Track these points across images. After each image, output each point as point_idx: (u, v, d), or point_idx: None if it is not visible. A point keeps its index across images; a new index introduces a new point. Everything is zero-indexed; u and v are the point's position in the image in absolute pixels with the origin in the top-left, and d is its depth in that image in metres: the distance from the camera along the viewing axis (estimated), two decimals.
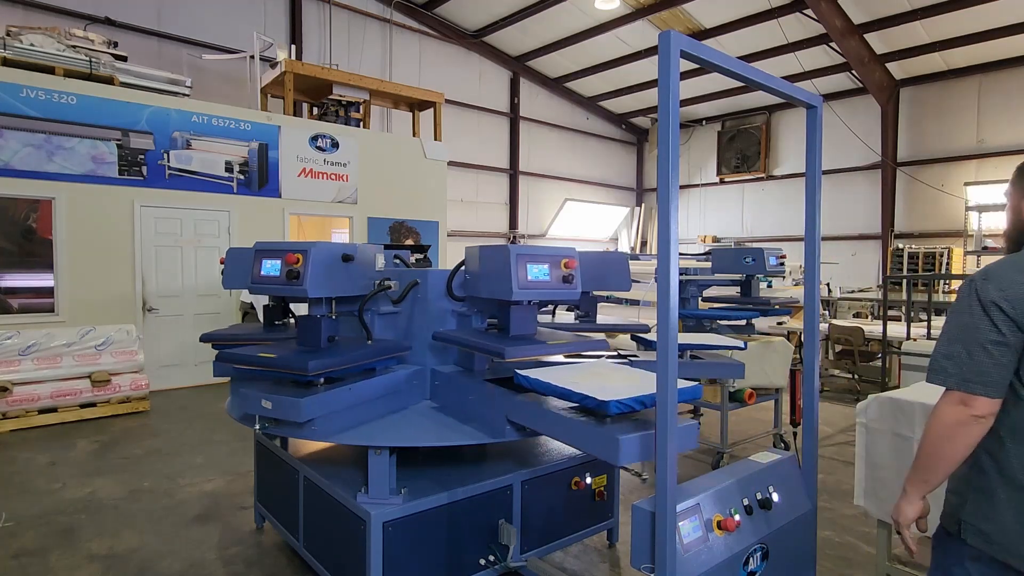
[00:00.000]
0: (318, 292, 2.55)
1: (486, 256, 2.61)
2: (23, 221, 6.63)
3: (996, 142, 11.42)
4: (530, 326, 2.71)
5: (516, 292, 2.46)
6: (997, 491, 1.52)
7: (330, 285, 2.61)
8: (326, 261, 2.59)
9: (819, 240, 2.26)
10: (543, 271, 2.54)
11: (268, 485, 3.40)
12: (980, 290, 1.51)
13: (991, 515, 1.52)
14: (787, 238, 13.76)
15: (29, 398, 5.72)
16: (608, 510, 3.26)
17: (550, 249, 2.63)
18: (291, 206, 8.44)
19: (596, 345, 2.73)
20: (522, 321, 2.69)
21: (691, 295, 5.10)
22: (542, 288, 2.53)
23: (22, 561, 3.24)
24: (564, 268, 2.57)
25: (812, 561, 2.25)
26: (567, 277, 2.57)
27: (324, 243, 2.62)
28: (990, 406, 1.48)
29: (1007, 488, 1.50)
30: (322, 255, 2.57)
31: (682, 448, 2.02)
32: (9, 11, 8.03)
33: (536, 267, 2.53)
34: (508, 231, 14.58)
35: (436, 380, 2.94)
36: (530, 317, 2.71)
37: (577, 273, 2.59)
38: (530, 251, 2.57)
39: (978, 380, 1.47)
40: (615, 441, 1.96)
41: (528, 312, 2.71)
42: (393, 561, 2.41)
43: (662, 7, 11.10)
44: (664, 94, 1.62)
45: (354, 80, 9.21)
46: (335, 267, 2.64)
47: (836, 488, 4.35)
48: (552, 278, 2.55)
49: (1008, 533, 1.48)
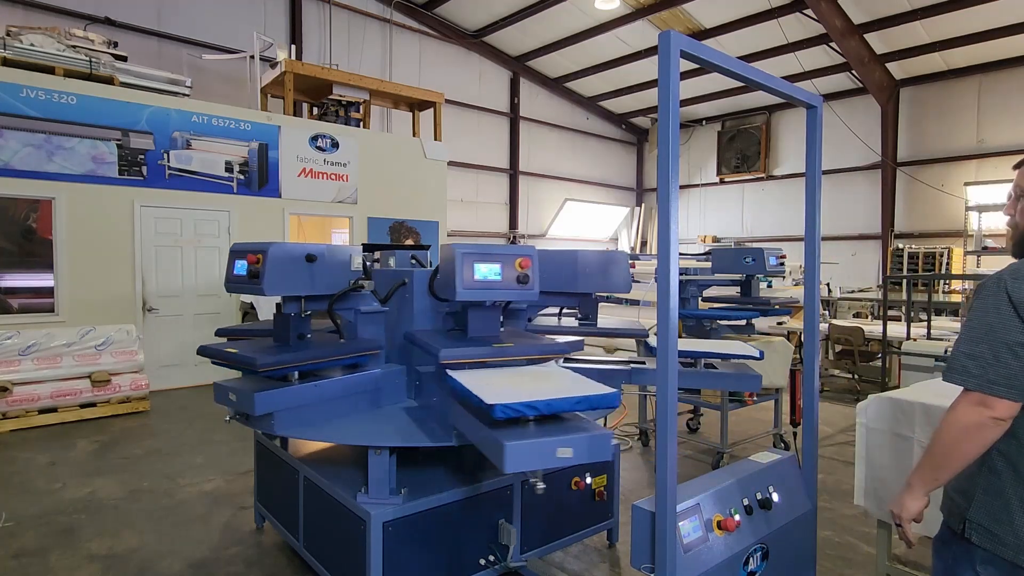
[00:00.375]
0: (275, 291, 2.64)
1: (443, 255, 2.61)
2: (23, 221, 6.63)
3: (996, 142, 11.42)
4: (491, 327, 2.66)
5: (460, 292, 2.42)
6: (1009, 493, 1.49)
7: (289, 284, 2.69)
8: (285, 261, 2.66)
9: (819, 240, 2.26)
10: (494, 271, 2.45)
11: (268, 485, 3.40)
12: (1011, 288, 1.44)
13: (1003, 517, 1.49)
14: (787, 238, 13.76)
15: (29, 398, 5.72)
16: (608, 510, 3.26)
17: (504, 248, 2.54)
18: (291, 206, 8.44)
19: (548, 348, 2.56)
20: (481, 322, 2.65)
21: (691, 295, 5.11)
22: (492, 288, 2.44)
23: (22, 561, 3.24)
24: (518, 268, 2.46)
25: (812, 561, 2.25)
26: (521, 277, 2.46)
27: (285, 244, 2.70)
28: (1011, 409, 1.43)
29: (1021, 489, 1.48)
30: (280, 255, 2.64)
31: (593, 458, 1.96)
32: (9, 11, 8.03)
33: (486, 266, 2.45)
34: (508, 231, 14.59)
35: (417, 380, 2.96)
36: (490, 318, 2.66)
37: (533, 273, 2.48)
38: (480, 250, 2.49)
39: (1003, 383, 1.42)
40: (500, 447, 1.90)
41: (489, 313, 2.66)
42: (393, 561, 2.41)
43: (662, 7, 11.10)
44: (664, 94, 1.62)
45: (354, 80, 9.21)
46: (296, 267, 2.70)
47: (836, 488, 4.35)
48: (504, 278, 2.45)
49: (1020, 535, 1.46)
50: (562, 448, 1.91)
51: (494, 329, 2.68)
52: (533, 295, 2.51)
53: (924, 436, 2.66)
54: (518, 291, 2.47)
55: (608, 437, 2.00)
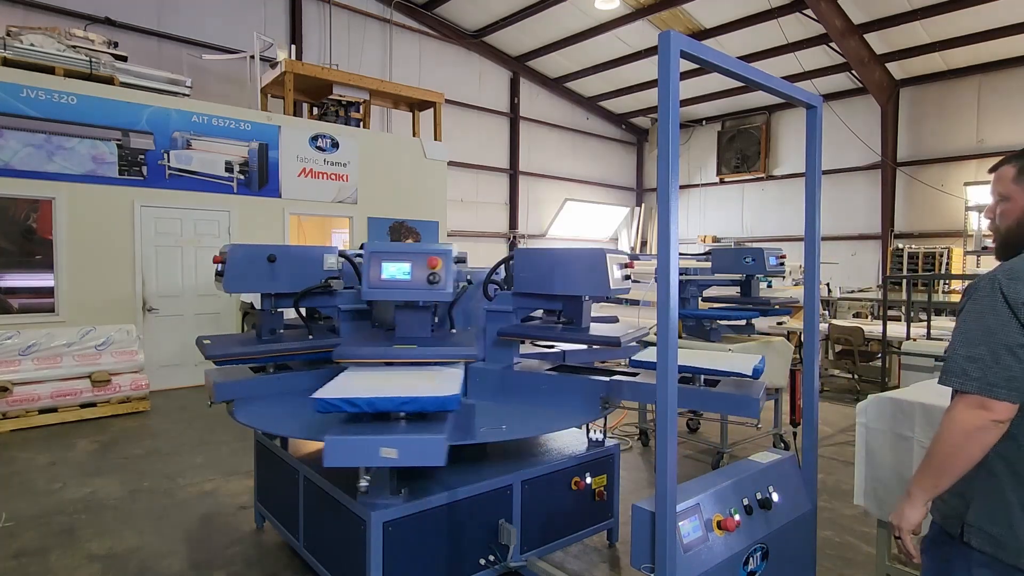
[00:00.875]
0: (235, 289, 2.87)
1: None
2: (23, 221, 6.63)
3: (996, 142, 11.41)
4: (421, 328, 2.65)
5: (365, 291, 2.45)
6: (1009, 495, 1.48)
7: (249, 283, 2.86)
8: (244, 261, 2.85)
9: (819, 240, 2.26)
10: (403, 270, 2.44)
11: (268, 485, 3.40)
12: (1007, 289, 1.43)
13: (1002, 519, 1.48)
14: (787, 238, 13.75)
15: (29, 398, 5.72)
16: (608, 510, 3.26)
17: (416, 247, 2.52)
18: (291, 206, 8.44)
19: (454, 353, 2.47)
20: (408, 322, 2.66)
21: (691, 295, 5.11)
22: (399, 288, 2.44)
23: (22, 561, 3.24)
24: (428, 267, 2.42)
25: (812, 561, 2.25)
26: (432, 277, 2.41)
27: (245, 245, 2.95)
28: (1011, 411, 1.42)
29: (1021, 492, 1.47)
30: (239, 255, 2.87)
31: (421, 462, 1.97)
32: (9, 11, 8.02)
33: (393, 266, 2.44)
34: (508, 231, 14.59)
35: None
36: (419, 319, 2.65)
37: (445, 273, 2.43)
38: (389, 248, 2.50)
39: (1004, 385, 1.40)
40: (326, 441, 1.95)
41: (417, 314, 2.65)
42: (393, 561, 2.41)
43: (662, 7, 11.09)
44: (664, 94, 1.62)
45: (354, 80, 9.21)
46: (255, 266, 2.84)
47: (836, 488, 4.35)
48: (414, 278, 2.43)
49: (1021, 538, 1.45)
50: (386, 448, 1.93)
51: (424, 330, 2.65)
52: (444, 295, 2.44)
53: (924, 436, 2.66)
54: (427, 291, 2.42)
55: (440, 443, 1.97)
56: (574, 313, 2.97)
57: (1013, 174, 1.62)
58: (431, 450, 1.98)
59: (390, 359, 2.46)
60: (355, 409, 1.99)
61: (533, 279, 2.91)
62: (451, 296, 2.50)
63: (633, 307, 5.55)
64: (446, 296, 2.47)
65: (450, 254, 2.50)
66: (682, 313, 4.72)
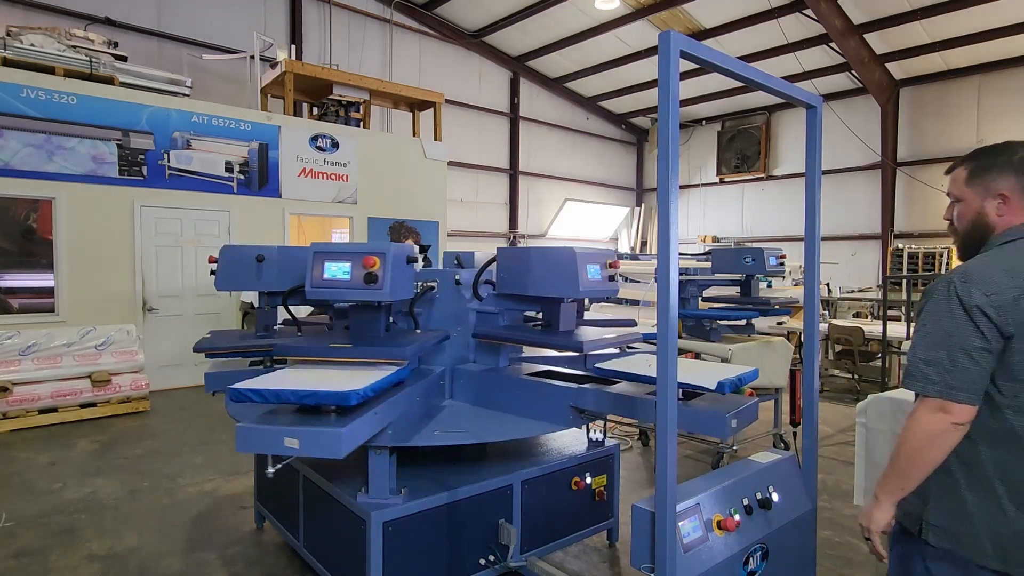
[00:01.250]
0: (226, 287, 3.04)
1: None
2: (23, 221, 6.63)
3: (996, 142, 11.40)
4: (371, 328, 2.64)
5: (309, 291, 2.45)
6: (964, 493, 1.52)
7: (239, 281, 3.01)
8: (234, 261, 2.97)
9: (819, 240, 2.26)
10: (344, 270, 2.41)
11: (268, 485, 3.40)
12: (962, 293, 1.46)
13: (959, 516, 1.52)
14: (787, 238, 13.75)
15: (29, 398, 5.72)
16: (608, 510, 3.26)
17: (357, 246, 2.48)
18: (291, 206, 8.44)
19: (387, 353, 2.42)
20: (358, 322, 2.66)
21: (691, 295, 5.11)
22: (338, 287, 2.41)
23: (22, 561, 3.24)
24: (365, 267, 2.38)
25: (812, 561, 2.25)
26: (368, 277, 2.36)
27: (236, 246, 3.06)
28: (971, 413, 1.45)
29: (977, 490, 1.50)
30: (230, 256, 3.01)
31: (321, 453, 2.02)
32: (9, 11, 8.02)
33: (335, 266, 2.42)
34: (508, 231, 14.59)
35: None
36: (371, 320, 2.64)
37: (383, 272, 2.37)
38: (332, 248, 2.47)
39: (963, 388, 1.43)
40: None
41: (369, 314, 2.64)
42: (393, 561, 2.41)
43: (662, 7, 11.09)
44: (664, 94, 1.62)
45: (354, 80, 9.21)
46: (244, 266, 2.95)
47: (836, 488, 4.35)
48: (353, 278, 2.39)
49: (978, 535, 1.49)
50: (289, 438, 2.02)
51: (374, 329, 2.64)
52: (383, 295, 2.39)
53: None
54: (364, 291, 2.38)
55: (337, 436, 2.01)
56: (551, 315, 2.84)
57: (965, 176, 1.67)
58: (328, 442, 2.01)
59: (318, 357, 2.47)
60: (262, 400, 2.09)
61: (512, 280, 2.83)
62: (389, 296, 2.40)
63: (633, 307, 5.55)
64: (383, 296, 2.39)
65: (391, 254, 2.42)
66: (682, 313, 4.72)
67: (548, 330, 2.84)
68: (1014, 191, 1.58)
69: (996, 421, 1.49)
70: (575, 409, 2.60)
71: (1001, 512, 1.47)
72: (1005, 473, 1.48)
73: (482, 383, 2.90)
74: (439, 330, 2.92)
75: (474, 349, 3.03)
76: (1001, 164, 1.60)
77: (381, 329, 2.65)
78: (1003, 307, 1.43)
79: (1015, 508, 1.47)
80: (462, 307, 2.98)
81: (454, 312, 2.99)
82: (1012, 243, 1.56)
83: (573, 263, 2.57)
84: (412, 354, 2.41)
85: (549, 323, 2.86)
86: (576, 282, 2.56)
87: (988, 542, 1.48)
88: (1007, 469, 1.48)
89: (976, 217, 1.63)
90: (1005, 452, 1.48)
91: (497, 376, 2.88)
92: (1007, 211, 1.59)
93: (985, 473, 1.50)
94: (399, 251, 2.48)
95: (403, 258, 2.53)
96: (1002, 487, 1.48)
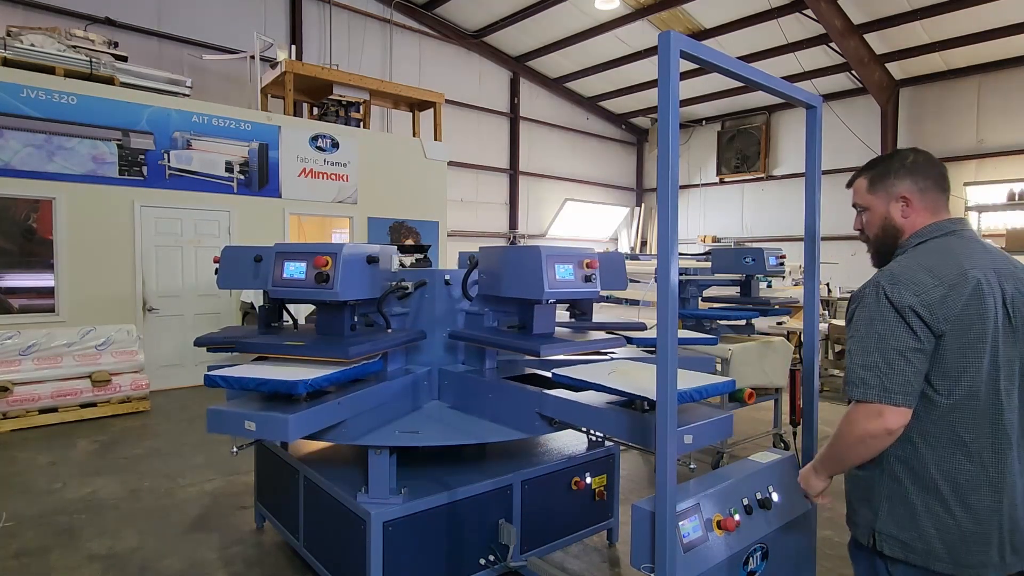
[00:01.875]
0: (226, 286, 3.10)
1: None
2: (23, 221, 6.63)
3: (996, 142, 11.41)
4: (333, 326, 2.71)
5: (272, 290, 2.55)
6: (913, 499, 1.52)
7: (238, 281, 3.08)
8: (234, 261, 3.06)
9: (819, 240, 2.26)
10: (300, 269, 2.49)
11: (268, 485, 3.40)
12: (892, 295, 1.47)
13: (909, 524, 1.52)
14: (787, 238, 13.75)
15: (29, 398, 5.72)
16: (608, 510, 3.26)
17: (314, 246, 2.52)
18: (291, 206, 8.44)
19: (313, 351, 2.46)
20: (322, 320, 2.76)
21: (691, 295, 5.10)
22: (294, 287, 2.50)
23: (22, 561, 3.24)
24: (315, 266, 2.43)
25: (812, 561, 2.25)
26: (319, 276, 2.41)
27: (237, 247, 3.10)
28: (906, 416, 1.46)
29: (923, 494, 1.51)
30: (230, 255, 3.09)
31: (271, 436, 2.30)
32: (9, 11, 8.03)
33: (293, 265, 2.51)
34: (508, 231, 14.59)
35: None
36: (337, 318, 2.70)
37: (335, 272, 2.40)
38: (293, 248, 2.55)
39: (899, 390, 1.44)
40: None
41: (330, 313, 2.72)
42: (393, 561, 2.41)
43: (662, 7, 11.09)
44: (664, 94, 1.62)
45: (354, 80, 9.21)
46: (243, 266, 3.00)
47: (836, 488, 4.34)
48: (307, 277, 2.46)
49: (929, 540, 1.49)
50: (248, 421, 2.18)
51: (336, 328, 2.71)
52: (333, 294, 2.43)
53: None
54: (316, 290, 2.45)
55: (285, 421, 2.13)
56: (525, 317, 2.72)
57: (866, 185, 1.74)
58: (278, 427, 2.16)
59: (271, 354, 2.60)
60: (227, 386, 2.27)
61: (490, 281, 2.77)
62: (340, 295, 2.42)
63: (633, 307, 5.55)
64: (334, 295, 2.43)
65: (343, 254, 2.42)
66: (682, 313, 4.72)
67: (520, 332, 2.74)
68: (913, 193, 1.64)
69: (935, 421, 1.49)
70: (542, 416, 2.52)
71: (949, 514, 1.48)
72: (949, 473, 1.49)
73: (461, 385, 2.91)
74: (408, 330, 2.94)
75: (463, 350, 3.03)
76: (896, 169, 1.67)
77: (343, 327, 2.69)
78: (933, 305, 1.44)
79: (961, 509, 1.47)
80: (452, 307, 2.99)
81: (444, 312, 3.00)
82: (924, 244, 1.61)
83: (539, 263, 2.45)
84: (356, 354, 2.38)
85: (523, 325, 2.75)
86: (540, 283, 2.44)
87: (939, 544, 1.48)
88: (950, 469, 1.49)
89: (883, 222, 1.70)
90: (946, 451, 1.49)
91: (474, 378, 2.87)
92: (911, 212, 1.65)
93: (930, 476, 1.50)
94: (354, 251, 2.52)
95: (360, 258, 2.55)
96: (947, 487, 1.48)
